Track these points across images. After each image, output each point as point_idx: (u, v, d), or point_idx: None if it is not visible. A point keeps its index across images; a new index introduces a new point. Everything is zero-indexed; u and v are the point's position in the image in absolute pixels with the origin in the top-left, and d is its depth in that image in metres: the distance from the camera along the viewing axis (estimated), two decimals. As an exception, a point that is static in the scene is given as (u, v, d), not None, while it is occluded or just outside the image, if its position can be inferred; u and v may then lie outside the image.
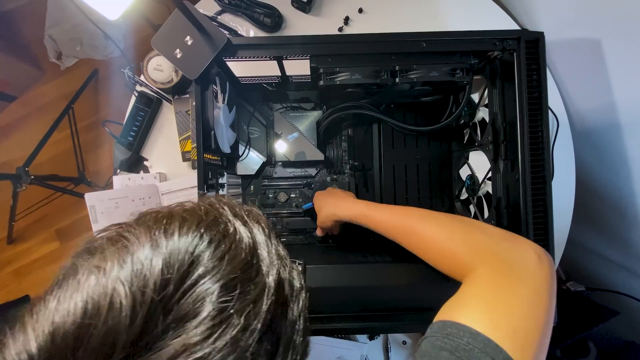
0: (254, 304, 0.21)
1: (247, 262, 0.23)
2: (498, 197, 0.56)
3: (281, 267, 0.26)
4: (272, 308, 0.23)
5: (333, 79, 0.54)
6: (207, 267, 0.21)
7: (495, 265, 0.34)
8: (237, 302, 0.21)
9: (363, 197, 0.73)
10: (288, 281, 0.26)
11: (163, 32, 0.50)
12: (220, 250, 0.22)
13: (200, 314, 0.19)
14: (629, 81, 0.64)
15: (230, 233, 0.24)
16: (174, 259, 0.21)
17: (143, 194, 0.72)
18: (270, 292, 0.23)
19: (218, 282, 0.21)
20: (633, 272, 0.82)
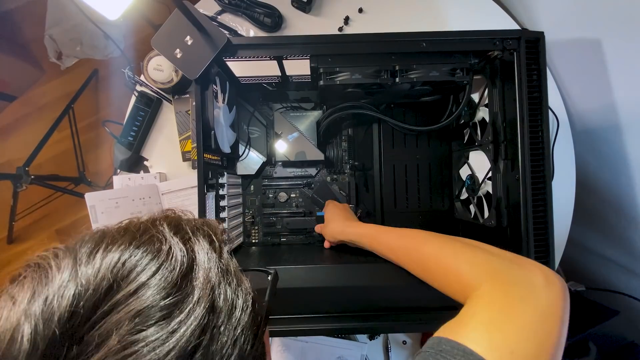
0: (173, 333, 0.21)
1: (176, 284, 0.22)
2: (498, 197, 0.56)
3: (224, 284, 0.25)
4: (197, 336, 0.21)
5: (333, 78, 0.54)
6: (125, 294, 0.21)
7: (499, 284, 0.33)
8: (151, 334, 0.20)
9: (363, 197, 0.73)
10: (229, 301, 0.25)
11: (163, 32, 0.50)
12: (146, 274, 0.22)
13: (103, 348, 0.19)
14: (629, 81, 0.64)
15: (162, 252, 0.24)
16: (89, 286, 0.20)
17: (143, 194, 0.72)
18: (196, 322, 0.22)
19: (129, 313, 0.20)
20: (633, 272, 0.82)
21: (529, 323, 0.30)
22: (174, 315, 0.21)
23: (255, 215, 0.73)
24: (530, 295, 0.32)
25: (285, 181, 0.73)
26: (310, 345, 0.74)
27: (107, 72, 1.54)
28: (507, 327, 0.29)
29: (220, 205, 0.60)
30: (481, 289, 0.34)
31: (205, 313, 0.22)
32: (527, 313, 0.30)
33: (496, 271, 0.35)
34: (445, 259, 0.39)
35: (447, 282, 0.38)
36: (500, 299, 0.32)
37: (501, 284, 0.33)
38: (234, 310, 0.25)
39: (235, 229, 0.66)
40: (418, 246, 0.43)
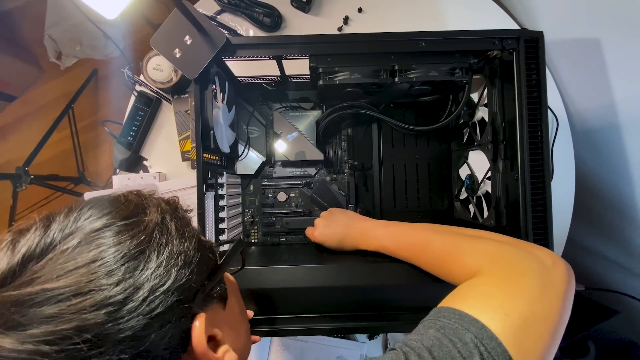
0: (132, 238, 0.26)
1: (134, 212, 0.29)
2: (497, 197, 0.56)
3: (170, 216, 0.31)
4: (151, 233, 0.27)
5: (332, 78, 0.54)
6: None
7: (500, 263, 0.34)
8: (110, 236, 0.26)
9: (363, 197, 0.73)
10: (179, 227, 0.30)
11: (162, 32, 0.50)
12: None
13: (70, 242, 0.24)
14: (629, 81, 0.64)
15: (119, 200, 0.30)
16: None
17: (142, 194, 0.72)
18: (152, 225, 0.28)
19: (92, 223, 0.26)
20: (633, 272, 0.82)
21: (526, 292, 0.30)
22: (135, 227, 0.27)
23: (255, 215, 0.73)
24: (530, 270, 0.32)
25: (284, 181, 0.73)
26: (310, 345, 0.74)
27: (106, 72, 1.54)
28: (504, 294, 0.30)
29: (219, 205, 0.60)
30: (483, 268, 0.35)
31: (157, 227, 0.28)
32: (525, 284, 0.31)
33: (498, 254, 0.36)
34: (449, 248, 0.41)
35: (451, 270, 0.40)
36: (499, 273, 0.33)
37: (502, 262, 0.34)
38: (184, 231, 0.30)
39: (234, 228, 0.66)
40: (428, 240, 0.44)
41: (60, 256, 0.23)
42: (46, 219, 0.26)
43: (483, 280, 0.34)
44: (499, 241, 0.38)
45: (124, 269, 0.24)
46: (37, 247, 0.23)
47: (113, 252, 0.24)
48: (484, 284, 0.33)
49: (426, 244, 0.44)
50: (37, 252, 0.23)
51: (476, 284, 0.33)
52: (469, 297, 0.31)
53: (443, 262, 0.41)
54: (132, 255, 0.25)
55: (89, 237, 0.24)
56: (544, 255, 0.34)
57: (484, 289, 0.32)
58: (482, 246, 0.38)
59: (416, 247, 0.45)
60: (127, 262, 0.24)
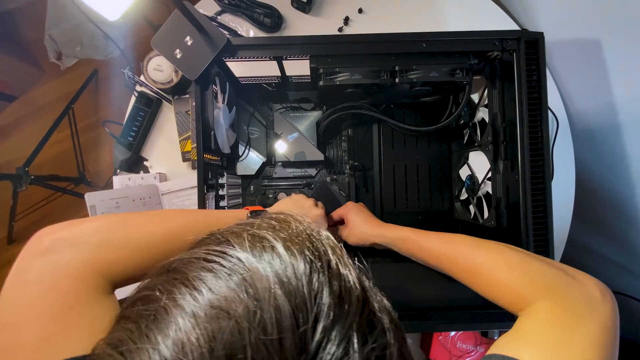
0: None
1: (363, 314, 0.20)
2: (498, 197, 0.56)
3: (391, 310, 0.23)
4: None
5: (333, 79, 0.54)
6: (329, 312, 0.18)
7: (558, 299, 0.32)
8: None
9: (363, 197, 0.73)
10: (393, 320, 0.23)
11: (163, 32, 0.50)
12: (334, 292, 0.19)
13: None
14: (629, 81, 0.64)
15: (333, 270, 0.21)
16: (300, 300, 0.18)
17: (143, 194, 0.72)
18: (390, 337, 0.20)
19: (348, 332, 0.18)
20: (633, 272, 0.82)
21: (592, 340, 0.29)
22: (377, 341, 0.19)
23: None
24: (590, 311, 0.31)
25: (285, 181, 0.73)
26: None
27: (107, 72, 1.54)
28: (572, 346, 0.28)
29: (220, 205, 0.60)
30: (539, 303, 0.33)
31: (397, 339, 0.21)
32: (589, 330, 0.30)
33: (553, 285, 0.34)
34: (498, 270, 0.38)
35: (498, 292, 0.37)
36: (561, 316, 0.31)
37: (560, 299, 0.32)
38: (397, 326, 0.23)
39: (235, 229, 0.66)
40: (467, 254, 0.42)
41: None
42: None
43: (545, 323, 0.31)
44: (549, 266, 0.36)
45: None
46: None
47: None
48: (546, 326, 0.31)
49: (462, 255, 0.42)
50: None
51: (539, 327, 0.31)
52: (537, 349, 0.29)
53: (481, 278, 0.39)
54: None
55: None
56: (593, 287, 0.33)
57: (547, 334, 0.30)
58: (533, 271, 0.36)
59: (449, 258, 0.43)
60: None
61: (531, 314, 0.33)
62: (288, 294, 0.18)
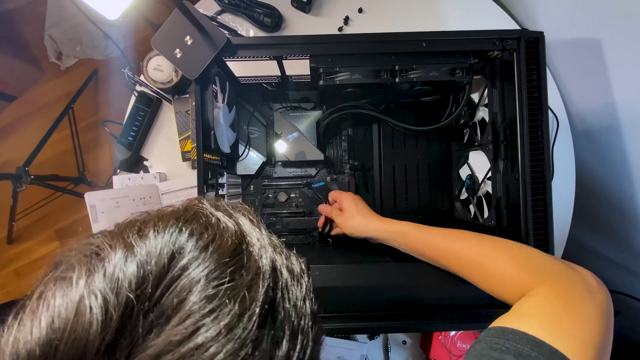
0: (249, 289, 0.20)
1: (235, 249, 0.22)
2: (498, 197, 0.56)
3: (275, 253, 0.25)
4: (271, 292, 0.21)
5: (333, 78, 0.54)
6: (189, 258, 0.20)
7: (557, 283, 0.33)
8: (228, 289, 0.19)
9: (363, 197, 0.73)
10: (286, 265, 0.25)
11: (163, 32, 0.50)
12: (204, 240, 0.21)
13: (184, 308, 0.18)
14: (629, 81, 0.64)
15: (212, 223, 0.23)
16: (151, 257, 0.20)
17: (143, 194, 0.72)
18: (266, 275, 0.22)
19: (203, 271, 0.19)
20: (633, 272, 0.82)
21: (593, 317, 0.30)
22: (244, 273, 0.21)
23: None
24: (588, 294, 0.32)
25: (285, 181, 0.73)
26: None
27: (107, 72, 1.54)
28: (574, 319, 0.29)
29: (220, 205, 0.60)
30: (540, 287, 0.33)
31: (270, 273, 0.22)
32: (589, 308, 0.30)
33: (554, 271, 0.35)
34: (500, 262, 0.38)
35: (501, 284, 0.37)
36: (562, 294, 0.32)
37: (561, 281, 0.33)
38: (294, 271, 0.25)
39: (235, 229, 0.66)
40: (468, 249, 0.42)
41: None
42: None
43: (546, 301, 0.32)
44: (543, 256, 0.37)
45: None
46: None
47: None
48: (548, 303, 0.31)
49: (459, 251, 0.42)
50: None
51: (540, 304, 0.31)
52: (538, 320, 0.29)
53: (480, 271, 0.39)
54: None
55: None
56: (589, 276, 0.34)
57: (550, 310, 0.30)
58: (535, 261, 0.36)
59: (446, 251, 0.43)
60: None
61: (531, 296, 0.33)
62: (140, 261, 0.20)
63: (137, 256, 0.20)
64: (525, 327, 0.28)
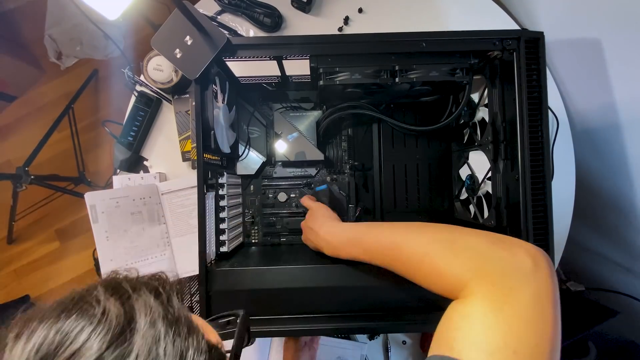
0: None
1: (112, 343, 0.22)
2: (498, 197, 0.56)
3: (170, 336, 0.25)
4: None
5: (333, 78, 0.54)
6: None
7: (487, 277, 0.32)
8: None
9: (363, 197, 0.73)
10: (179, 352, 0.24)
11: (163, 32, 0.50)
12: (78, 340, 0.22)
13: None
14: (629, 81, 0.64)
15: (95, 316, 0.23)
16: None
17: (143, 194, 0.72)
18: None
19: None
20: (633, 272, 0.82)
21: (524, 313, 0.28)
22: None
23: (255, 215, 0.73)
24: (519, 282, 0.30)
25: (285, 181, 0.73)
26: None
27: (107, 72, 1.54)
28: (503, 325, 0.28)
29: (219, 205, 0.60)
30: (469, 285, 0.32)
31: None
32: (520, 302, 0.29)
33: (480, 264, 0.33)
34: (426, 257, 0.37)
35: (432, 281, 0.37)
36: (489, 294, 0.30)
37: (487, 276, 0.32)
38: (183, 342, 0.25)
39: (235, 229, 0.66)
40: (399, 244, 0.40)
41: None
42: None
43: (474, 307, 0.30)
44: (474, 244, 0.35)
45: None
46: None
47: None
48: (477, 313, 0.30)
49: (396, 247, 0.40)
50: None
51: (468, 314, 0.30)
52: (467, 339, 0.28)
53: (416, 270, 0.38)
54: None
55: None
56: (523, 256, 0.32)
57: (479, 320, 0.29)
58: (459, 253, 0.35)
59: (387, 251, 0.41)
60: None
61: (463, 300, 0.32)
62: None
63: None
64: (457, 350, 0.27)
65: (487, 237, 0.35)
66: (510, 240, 0.34)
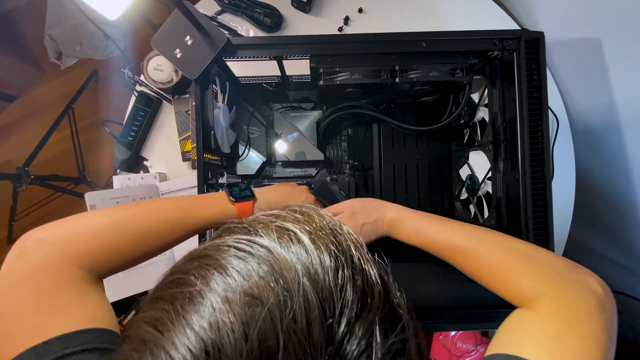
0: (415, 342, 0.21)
1: (384, 302, 0.22)
2: (498, 197, 0.56)
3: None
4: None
5: (333, 78, 0.54)
6: (353, 306, 0.19)
7: (560, 296, 0.32)
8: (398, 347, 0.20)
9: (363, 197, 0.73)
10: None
11: (163, 32, 0.50)
12: (357, 287, 0.20)
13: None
14: (629, 81, 0.64)
15: (357, 266, 0.22)
16: (322, 284, 0.19)
17: (143, 194, 0.72)
18: (414, 329, 0.22)
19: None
20: (633, 272, 0.82)
21: (594, 334, 0.29)
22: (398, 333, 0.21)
23: (255, 215, 0.73)
24: (592, 309, 0.31)
25: (285, 181, 0.73)
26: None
27: (107, 72, 1.54)
28: (576, 340, 0.28)
29: (220, 205, 0.60)
30: (541, 300, 0.33)
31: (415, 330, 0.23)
32: (592, 325, 0.30)
33: (556, 282, 0.34)
34: (502, 266, 0.38)
35: (501, 288, 0.38)
36: (563, 313, 0.31)
37: (562, 296, 0.32)
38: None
39: (235, 229, 0.66)
40: (473, 248, 0.41)
41: None
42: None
43: (548, 319, 0.31)
44: (549, 263, 0.36)
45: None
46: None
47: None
48: (551, 325, 0.30)
49: (469, 251, 0.41)
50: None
51: (542, 324, 0.31)
52: (540, 344, 0.28)
53: (490, 277, 0.39)
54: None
55: None
56: (596, 285, 0.33)
57: (553, 331, 0.30)
58: (534, 269, 0.36)
59: (456, 252, 0.42)
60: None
61: (535, 309, 0.33)
62: (315, 285, 0.19)
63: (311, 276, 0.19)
64: (528, 353, 0.28)
65: (560, 258, 0.37)
66: (582, 267, 0.36)
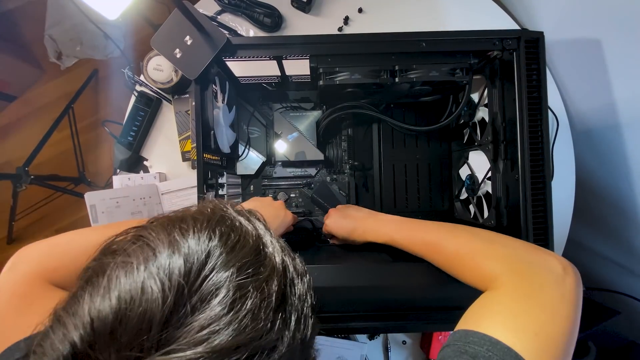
0: (267, 282, 0.25)
1: (256, 248, 0.26)
2: (498, 197, 0.56)
3: (284, 254, 0.29)
4: (282, 285, 0.26)
5: (333, 78, 0.54)
6: (221, 257, 0.24)
7: (516, 272, 0.35)
8: (252, 281, 0.24)
9: (363, 197, 0.73)
10: (292, 265, 0.29)
11: (163, 32, 0.50)
12: (231, 241, 0.25)
13: (220, 293, 0.22)
14: (629, 81, 0.64)
15: (236, 227, 0.27)
16: (192, 253, 0.24)
17: (143, 194, 0.72)
18: (279, 272, 0.26)
19: (233, 266, 0.24)
20: (633, 272, 0.82)
21: (549, 307, 0.31)
22: (261, 269, 0.25)
23: (255, 215, 0.73)
24: (548, 281, 0.33)
25: (284, 181, 0.73)
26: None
27: (107, 72, 1.54)
28: (528, 312, 0.31)
29: (220, 205, 0.60)
30: (500, 278, 0.36)
31: (282, 270, 0.27)
32: (546, 298, 0.32)
33: (515, 263, 0.36)
34: (463, 253, 0.41)
35: (466, 274, 0.41)
36: (519, 285, 0.34)
37: (520, 272, 0.35)
38: (298, 270, 0.29)
39: (235, 229, 0.66)
40: (439, 241, 0.45)
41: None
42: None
43: (504, 295, 0.34)
44: (511, 246, 0.39)
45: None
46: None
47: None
48: (507, 299, 0.33)
49: (438, 243, 0.45)
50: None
51: (498, 300, 0.34)
52: (495, 319, 0.31)
53: (456, 264, 0.42)
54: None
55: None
56: (555, 262, 0.35)
57: (508, 305, 0.32)
58: (496, 252, 0.39)
59: (429, 245, 0.46)
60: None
61: (493, 289, 0.36)
62: (184, 255, 0.24)
63: (182, 251, 0.24)
64: (484, 327, 0.30)
65: (524, 242, 0.40)
66: (545, 249, 0.38)
